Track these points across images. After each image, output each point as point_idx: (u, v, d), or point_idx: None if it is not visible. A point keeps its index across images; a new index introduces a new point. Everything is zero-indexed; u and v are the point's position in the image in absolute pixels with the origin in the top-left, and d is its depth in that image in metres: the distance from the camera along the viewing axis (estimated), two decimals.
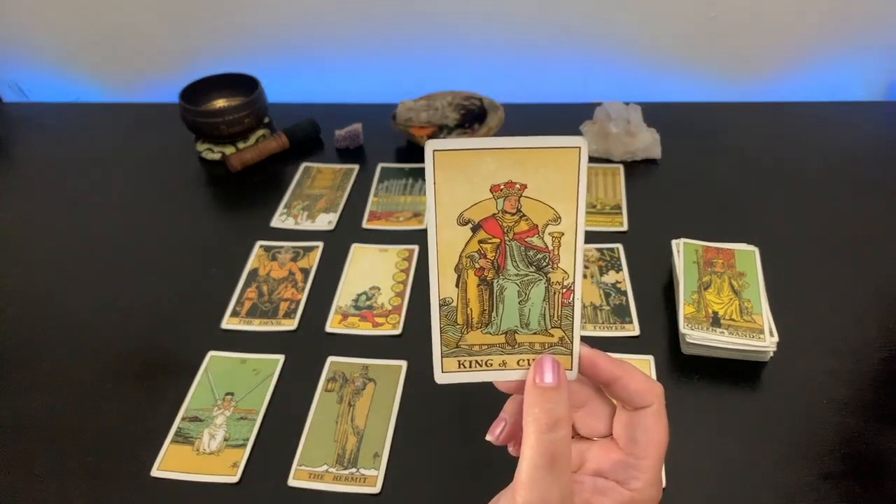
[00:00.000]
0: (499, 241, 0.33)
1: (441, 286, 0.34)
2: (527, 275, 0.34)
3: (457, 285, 0.34)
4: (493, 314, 0.35)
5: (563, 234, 0.34)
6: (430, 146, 0.31)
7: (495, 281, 0.34)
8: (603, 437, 0.35)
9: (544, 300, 0.35)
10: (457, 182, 0.32)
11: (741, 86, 1.09)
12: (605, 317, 0.70)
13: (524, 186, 0.33)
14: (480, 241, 0.33)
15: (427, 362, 0.68)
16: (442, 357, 0.35)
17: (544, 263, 0.34)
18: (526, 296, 0.34)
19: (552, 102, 1.06)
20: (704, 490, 0.55)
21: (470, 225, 0.33)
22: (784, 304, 0.67)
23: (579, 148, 0.32)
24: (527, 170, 0.32)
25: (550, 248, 0.34)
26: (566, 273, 0.34)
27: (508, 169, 0.32)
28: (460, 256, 0.34)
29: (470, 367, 0.35)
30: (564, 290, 0.34)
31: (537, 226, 0.33)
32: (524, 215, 0.33)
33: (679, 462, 0.56)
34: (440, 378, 0.35)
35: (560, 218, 0.33)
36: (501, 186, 0.32)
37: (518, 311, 0.35)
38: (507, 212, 0.33)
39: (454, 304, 0.34)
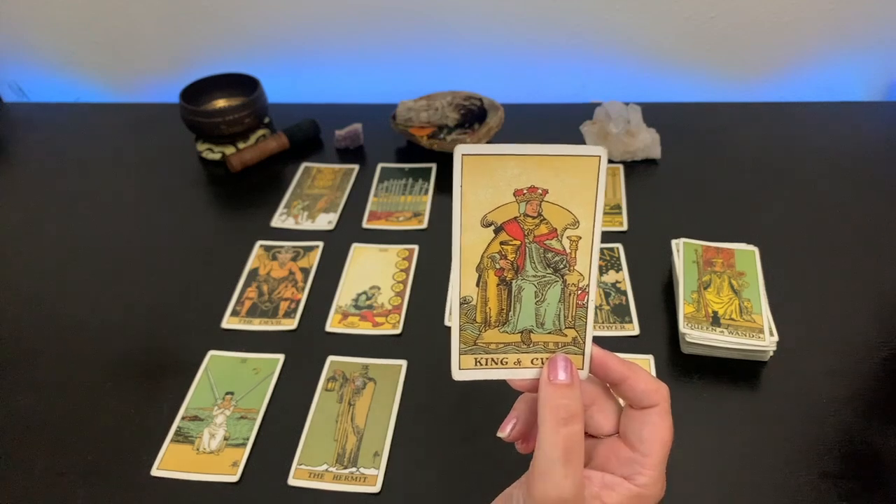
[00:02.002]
0: (519, 243, 0.35)
1: (462, 285, 0.35)
2: (544, 276, 0.35)
3: (477, 284, 0.35)
4: (511, 313, 0.36)
5: (580, 237, 0.35)
6: (459, 151, 0.33)
7: (514, 281, 0.35)
8: (610, 435, 0.36)
9: (560, 301, 0.36)
10: (482, 185, 0.33)
11: (741, 86, 1.09)
12: (605, 316, 0.70)
13: (546, 191, 0.34)
14: (502, 243, 0.35)
15: (427, 361, 0.69)
16: (459, 354, 0.36)
17: (561, 266, 0.35)
18: (542, 296, 0.35)
19: (552, 102, 1.06)
20: (704, 489, 0.55)
21: (493, 227, 0.34)
22: (784, 304, 0.67)
23: (599, 157, 0.33)
24: (549, 176, 0.33)
25: (568, 251, 0.35)
26: (582, 275, 0.35)
27: (532, 174, 0.33)
28: (482, 257, 0.35)
29: (486, 364, 0.36)
30: (579, 292, 0.36)
31: (556, 229, 0.35)
32: (544, 219, 0.34)
33: (679, 461, 0.56)
34: (457, 375, 0.36)
35: (578, 222, 0.34)
36: (524, 191, 0.34)
37: (534, 311, 0.36)
38: (528, 215, 0.34)
39: (474, 302, 0.35)
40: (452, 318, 0.36)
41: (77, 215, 0.89)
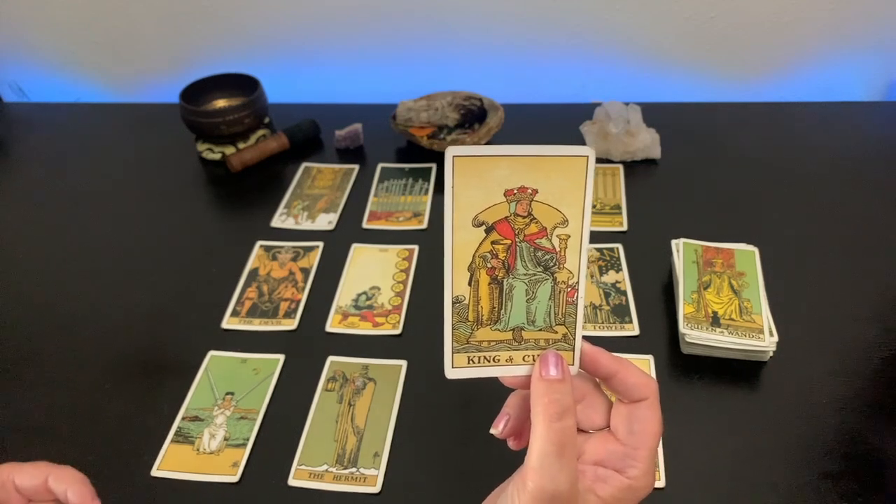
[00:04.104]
0: (510, 242, 0.35)
1: (454, 284, 0.35)
2: (535, 274, 0.36)
3: (469, 284, 0.36)
4: (502, 311, 0.36)
5: (569, 236, 0.35)
6: (451, 152, 0.33)
7: (505, 280, 0.36)
8: (600, 429, 0.37)
9: (550, 298, 0.36)
10: (473, 186, 0.34)
11: (741, 86, 1.09)
12: (605, 317, 0.70)
13: (535, 191, 0.34)
14: (493, 242, 0.35)
15: (427, 361, 0.68)
16: (452, 353, 0.36)
17: (552, 264, 0.36)
18: (533, 294, 0.36)
19: (552, 102, 1.06)
20: (704, 489, 0.55)
21: (484, 227, 0.35)
22: (784, 304, 0.67)
23: (587, 157, 0.34)
24: (538, 176, 0.34)
25: (558, 249, 0.36)
26: (571, 273, 0.36)
27: (522, 175, 0.34)
28: (473, 256, 0.35)
29: (479, 362, 0.37)
30: (569, 289, 0.36)
31: (546, 228, 0.35)
32: (534, 218, 0.35)
33: (679, 461, 0.56)
34: (450, 373, 0.37)
35: (567, 221, 0.35)
36: (515, 191, 0.34)
37: (525, 309, 0.36)
38: (518, 215, 0.35)
39: (466, 301, 0.36)
40: (444, 317, 0.36)
41: (77, 215, 0.89)
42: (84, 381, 0.67)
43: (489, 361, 0.37)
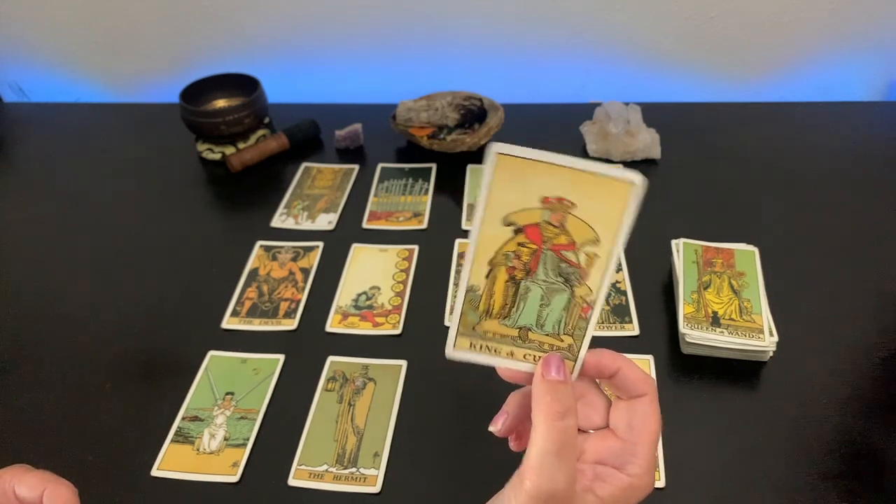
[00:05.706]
0: (536, 248, 0.35)
1: (472, 273, 0.36)
2: (554, 283, 0.36)
3: (486, 276, 0.36)
4: (514, 309, 0.36)
5: (597, 255, 0.35)
6: (495, 148, 0.33)
7: (523, 281, 0.36)
8: (599, 428, 0.37)
9: (564, 309, 0.36)
10: (511, 186, 0.33)
11: (741, 86, 1.09)
12: (605, 317, 0.70)
13: (573, 205, 0.34)
14: (519, 244, 0.35)
15: (427, 361, 0.68)
16: (457, 335, 0.37)
17: (573, 277, 0.35)
18: (548, 301, 0.36)
19: (552, 102, 1.06)
20: (704, 489, 0.55)
21: (513, 227, 0.35)
22: (784, 304, 0.67)
23: (634, 184, 0.33)
24: (580, 191, 0.33)
25: (583, 265, 0.35)
26: (591, 290, 0.36)
27: (563, 186, 0.33)
28: (497, 252, 0.35)
29: (479, 349, 0.37)
30: (584, 305, 0.36)
31: (575, 242, 0.35)
32: (566, 230, 0.34)
33: (679, 461, 0.56)
34: (451, 353, 0.37)
35: (599, 241, 0.34)
36: (553, 200, 0.34)
37: (537, 312, 0.36)
38: (551, 223, 0.34)
39: (480, 292, 0.36)
40: (456, 301, 0.36)
41: (77, 215, 0.89)
42: (84, 381, 0.67)
43: (490, 351, 0.37)
